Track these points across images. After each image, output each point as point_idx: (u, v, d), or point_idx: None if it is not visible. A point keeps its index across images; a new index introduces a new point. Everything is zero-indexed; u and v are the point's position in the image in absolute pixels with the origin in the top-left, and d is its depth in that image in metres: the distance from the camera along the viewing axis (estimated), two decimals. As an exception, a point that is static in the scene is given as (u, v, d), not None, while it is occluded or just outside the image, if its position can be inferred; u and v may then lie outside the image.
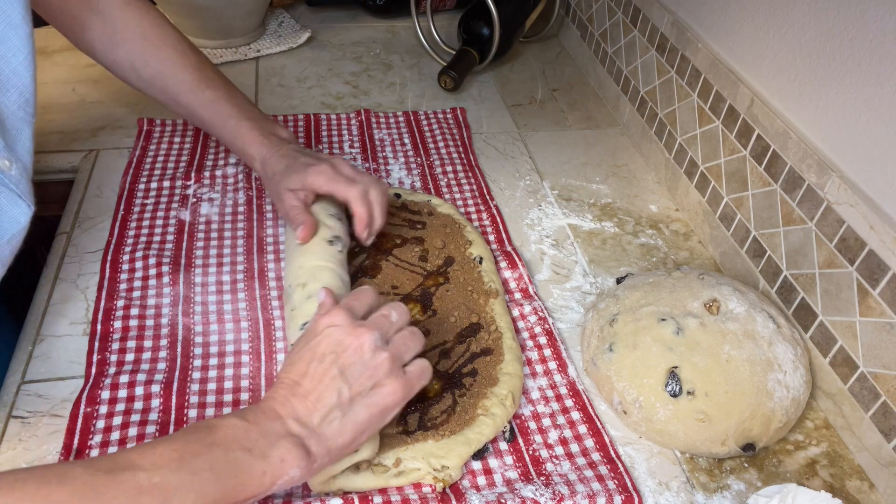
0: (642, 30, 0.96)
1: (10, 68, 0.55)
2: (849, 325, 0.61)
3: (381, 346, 0.51)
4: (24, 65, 0.56)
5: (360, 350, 0.50)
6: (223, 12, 1.03)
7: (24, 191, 0.56)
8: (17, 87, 0.56)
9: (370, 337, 0.50)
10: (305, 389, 0.49)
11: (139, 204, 0.78)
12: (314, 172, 0.68)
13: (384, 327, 0.52)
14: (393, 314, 0.53)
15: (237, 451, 0.45)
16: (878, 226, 0.58)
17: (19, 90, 0.56)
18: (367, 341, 0.50)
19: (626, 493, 0.55)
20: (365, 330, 0.51)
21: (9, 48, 0.55)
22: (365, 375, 0.50)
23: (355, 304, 0.54)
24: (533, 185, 0.90)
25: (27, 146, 0.58)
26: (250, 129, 0.73)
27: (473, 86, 1.09)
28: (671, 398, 0.59)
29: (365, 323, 0.52)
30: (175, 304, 0.67)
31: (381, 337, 0.51)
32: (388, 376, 0.50)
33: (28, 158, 0.58)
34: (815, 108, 0.67)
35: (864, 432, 0.61)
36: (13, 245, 0.57)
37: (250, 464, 0.45)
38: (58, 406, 0.58)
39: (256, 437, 0.46)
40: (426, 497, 0.54)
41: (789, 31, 0.70)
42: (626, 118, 1.02)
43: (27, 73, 0.56)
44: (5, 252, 0.56)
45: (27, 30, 0.56)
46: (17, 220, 0.56)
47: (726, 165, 0.79)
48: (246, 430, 0.47)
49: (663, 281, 0.67)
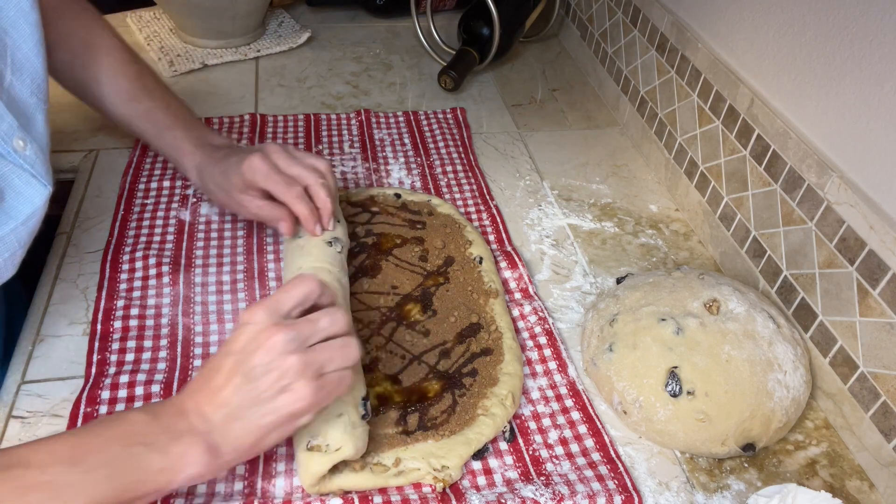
0: (642, 30, 0.96)
1: (22, 54, 0.55)
2: (849, 325, 0.61)
3: (292, 349, 0.47)
4: (35, 51, 0.56)
5: (269, 351, 0.47)
6: (223, 12, 1.03)
7: (39, 171, 0.55)
8: (29, 72, 0.56)
9: (282, 337, 0.47)
10: (214, 385, 0.47)
11: (139, 204, 0.78)
12: (248, 169, 0.65)
13: (305, 332, 0.48)
14: (322, 321, 0.49)
15: (136, 445, 0.45)
16: (878, 226, 0.58)
17: (31, 75, 0.56)
18: (277, 342, 0.47)
19: (627, 494, 0.55)
20: (278, 330, 0.47)
21: (20, 34, 0.55)
22: (271, 377, 0.47)
23: (282, 300, 0.50)
24: (533, 185, 0.90)
25: (42, 129, 0.57)
26: (183, 139, 0.72)
27: (473, 86, 1.09)
28: (671, 398, 0.59)
29: (283, 323, 0.48)
30: (175, 304, 0.67)
31: (295, 339, 0.48)
32: (296, 381, 0.47)
33: (44, 140, 0.57)
34: (815, 108, 0.67)
35: (864, 432, 0.61)
36: (30, 226, 0.56)
37: (148, 459, 0.45)
38: (58, 406, 0.58)
39: (157, 432, 0.46)
40: (426, 497, 0.54)
41: (789, 31, 0.70)
42: (626, 118, 1.02)
43: (37, 59, 0.56)
44: (22, 234, 0.55)
45: (35, 16, 0.56)
46: (33, 201, 0.55)
47: (726, 165, 0.79)
48: (147, 424, 0.46)
49: (663, 281, 0.67)
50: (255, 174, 0.65)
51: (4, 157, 0.53)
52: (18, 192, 0.54)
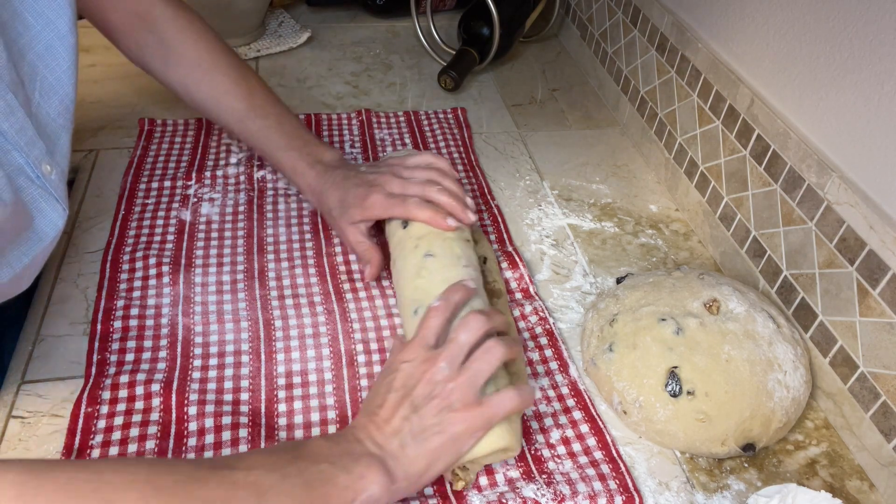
0: (642, 30, 0.96)
1: (55, 76, 0.57)
2: (849, 325, 0.61)
3: (449, 375, 0.52)
4: (68, 74, 0.57)
5: (430, 382, 0.52)
6: (223, 12, 1.03)
7: (60, 195, 0.58)
8: (59, 94, 0.57)
9: (438, 368, 0.52)
10: (381, 419, 0.52)
11: (139, 204, 0.78)
12: (369, 206, 0.68)
13: (453, 353, 0.53)
14: (461, 336, 0.53)
15: (322, 463, 0.48)
16: (878, 226, 0.58)
17: (60, 98, 0.58)
18: (436, 373, 0.52)
19: (627, 494, 0.55)
20: (434, 362, 0.52)
21: (54, 57, 0.56)
22: (434, 406, 0.51)
23: (427, 336, 0.55)
24: (533, 185, 0.90)
25: (65, 152, 0.59)
26: (297, 159, 0.74)
27: (473, 86, 1.09)
28: (671, 398, 0.59)
29: (435, 354, 0.53)
30: (175, 304, 0.67)
31: (447, 365, 0.52)
32: (458, 403, 0.51)
33: (65, 164, 0.60)
34: (815, 108, 0.67)
35: (864, 432, 0.61)
36: (53, 245, 0.59)
37: (335, 475, 0.48)
38: (58, 406, 0.58)
39: (339, 454, 0.49)
40: (426, 497, 0.54)
41: (789, 31, 0.70)
42: (626, 118, 1.02)
43: (69, 81, 0.58)
44: (46, 252, 0.59)
45: (72, 40, 0.57)
46: (56, 224, 0.58)
47: (726, 165, 0.79)
48: (329, 448, 0.50)
49: (663, 281, 0.67)
50: (374, 209, 0.68)
51: (34, 181, 0.55)
52: (45, 215, 0.57)
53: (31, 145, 0.54)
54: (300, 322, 0.67)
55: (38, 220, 0.56)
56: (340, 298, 0.69)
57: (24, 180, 0.54)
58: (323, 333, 0.66)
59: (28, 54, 0.55)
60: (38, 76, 0.56)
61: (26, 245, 0.56)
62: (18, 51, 0.54)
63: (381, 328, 0.67)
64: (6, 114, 0.51)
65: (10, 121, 0.51)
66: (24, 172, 0.54)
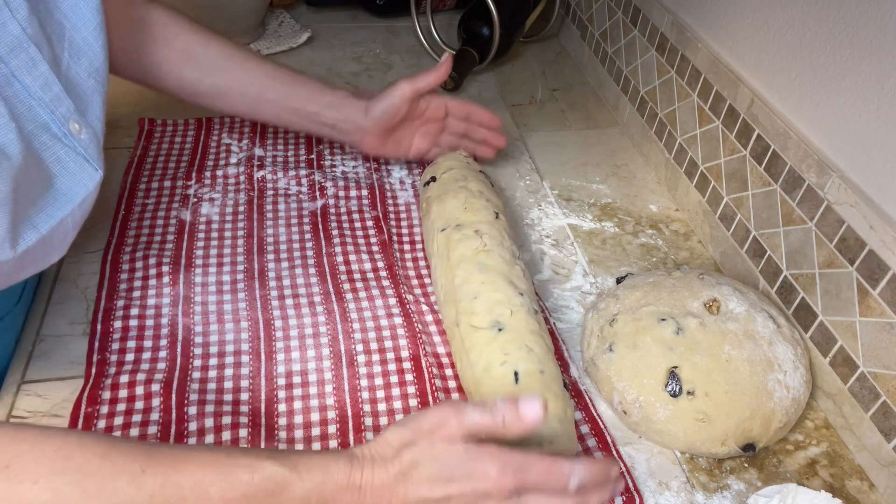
0: (642, 30, 0.96)
1: (81, 37, 0.56)
2: (849, 325, 0.61)
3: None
4: (94, 35, 0.56)
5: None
6: (223, 12, 1.03)
7: (92, 155, 0.56)
8: (88, 55, 0.56)
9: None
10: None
11: (140, 204, 0.78)
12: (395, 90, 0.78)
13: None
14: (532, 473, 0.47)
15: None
16: (878, 226, 0.58)
17: (90, 59, 0.56)
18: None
19: (628, 494, 0.55)
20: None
21: (80, 18, 0.55)
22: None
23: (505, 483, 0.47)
24: (533, 185, 0.90)
25: (98, 114, 0.58)
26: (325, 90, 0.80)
27: (473, 86, 1.09)
28: (671, 398, 0.59)
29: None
30: (175, 304, 0.67)
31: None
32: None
33: (98, 125, 0.58)
34: (815, 108, 0.67)
35: (864, 432, 0.61)
36: (84, 208, 0.57)
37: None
38: (58, 406, 0.58)
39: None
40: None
41: (789, 31, 0.70)
42: (626, 118, 1.02)
43: (97, 42, 0.57)
44: (77, 216, 0.57)
45: (97, 2, 0.56)
46: (86, 184, 0.56)
47: (726, 165, 0.79)
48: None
49: (663, 281, 0.67)
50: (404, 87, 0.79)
51: (61, 139, 0.53)
52: (73, 175, 0.55)
53: (58, 102, 0.52)
54: (300, 322, 0.67)
55: (64, 179, 0.54)
56: (340, 298, 0.69)
57: (49, 138, 0.52)
58: (323, 333, 0.66)
59: (55, 13, 0.54)
60: (65, 36, 0.54)
61: (52, 206, 0.54)
62: (45, 7, 0.53)
63: (381, 328, 0.67)
64: (29, 67, 0.50)
65: (34, 75, 0.50)
66: (48, 129, 0.52)
